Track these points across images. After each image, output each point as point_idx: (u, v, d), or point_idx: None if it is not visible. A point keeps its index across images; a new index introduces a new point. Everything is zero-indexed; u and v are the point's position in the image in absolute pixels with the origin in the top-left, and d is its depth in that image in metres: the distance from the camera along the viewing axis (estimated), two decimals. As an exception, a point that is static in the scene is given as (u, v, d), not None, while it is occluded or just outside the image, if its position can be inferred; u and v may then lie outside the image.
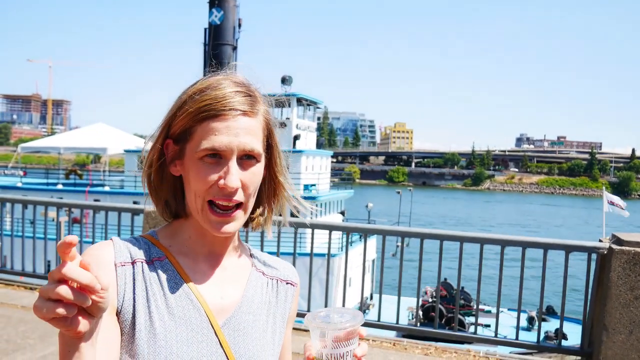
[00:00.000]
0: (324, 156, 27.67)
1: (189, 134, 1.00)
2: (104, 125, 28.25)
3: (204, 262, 1.08)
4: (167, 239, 1.08)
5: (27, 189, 22.36)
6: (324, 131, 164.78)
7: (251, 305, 1.09)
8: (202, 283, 1.05)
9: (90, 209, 6.36)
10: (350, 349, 0.96)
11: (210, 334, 1.01)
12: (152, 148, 1.05)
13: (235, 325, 1.05)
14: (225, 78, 1.02)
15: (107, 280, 0.91)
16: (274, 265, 1.20)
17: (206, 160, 0.98)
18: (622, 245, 4.09)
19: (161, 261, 1.04)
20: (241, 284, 1.11)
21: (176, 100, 1.04)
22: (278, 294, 1.16)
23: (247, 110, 1.00)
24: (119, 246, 1.01)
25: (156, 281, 1.01)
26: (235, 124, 0.98)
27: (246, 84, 1.04)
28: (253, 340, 1.06)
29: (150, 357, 0.94)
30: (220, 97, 0.98)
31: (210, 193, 0.98)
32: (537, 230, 48.77)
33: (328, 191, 25.89)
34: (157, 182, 1.06)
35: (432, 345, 4.92)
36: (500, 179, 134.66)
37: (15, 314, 5.40)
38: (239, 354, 1.03)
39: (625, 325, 4.01)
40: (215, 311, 1.04)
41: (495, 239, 4.61)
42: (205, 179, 0.98)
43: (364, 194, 68.07)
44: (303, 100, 26.09)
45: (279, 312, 1.15)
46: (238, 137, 0.98)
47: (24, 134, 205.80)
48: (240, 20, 34.42)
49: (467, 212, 69.83)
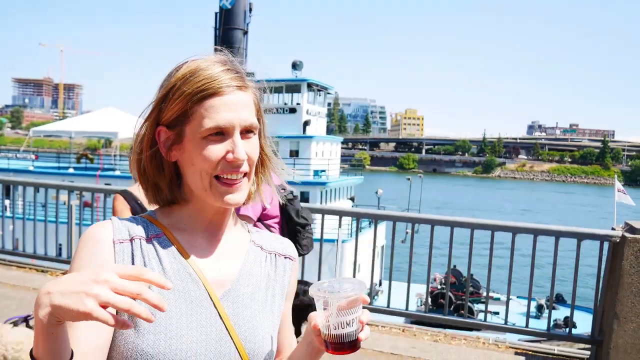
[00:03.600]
0: (334, 142, 27.60)
1: (187, 116, 1.00)
2: (115, 110, 28.27)
3: (202, 237, 1.09)
4: (165, 218, 1.10)
5: (39, 172, 22.52)
6: (334, 117, 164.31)
7: (250, 278, 1.11)
8: (200, 257, 1.07)
9: (101, 193, 6.40)
10: (355, 315, 0.97)
11: (210, 305, 1.03)
12: (142, 135, 1.06)
13: (234, 297, 1.07)
14: (208, 59, 1.03)
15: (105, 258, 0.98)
16: (272, 240, 1.21)
17: (210, 139, 0.99)
18: (635, 233, 4.05)
19: (159, 238, 1.06)
20: (239, 258, 1.12)
21: (162, 87, 1.04)
22: (277, 267, 1.18)
23: (241, 85, 1.02)
24: (117, 225, 1.04)
25: (154, 257, 1.03)
26: (234, 99, 1.00)
27: (229, 61, 1.05)
28: (252, 311, 1.08)
29: (151, 329, 0.96)
30: (215, 76, 1.00)
31: (217, 169, 1.00)
32: (548, 219, 48.50)
33: (338, 177, 25.84)
34: (151, 169, 1.07)
35: (441, 332, 4.92)
36: (511, 167, 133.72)
37: (27, 296, 5.46)
38: (238, 325, 1.05)
39: (636, 313, 3.97)
40: (213, 284, 1.05)
41: (506, 226, 4.57)
42: (213, 156, 0.99)
43: (374, 180, 67.93)
44: (314, 86, 25.98)
45: (278, 285, 1.17)
46: (238, 112, 1.00)
47: (35, 117, 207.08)
48: (251, 5, 34.17)
49: (478, 199, 69.55)
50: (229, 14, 32.59)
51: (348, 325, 0.97)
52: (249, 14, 32.73)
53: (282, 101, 25.94)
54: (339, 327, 0.96)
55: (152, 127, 1.04)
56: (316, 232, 5.67)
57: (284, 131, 24.23)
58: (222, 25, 32.48)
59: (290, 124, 24.51)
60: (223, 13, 32.34)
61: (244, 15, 32.70)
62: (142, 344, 0.95)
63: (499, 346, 4.71)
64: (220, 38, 32.30)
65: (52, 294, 0.74)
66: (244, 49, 33.91)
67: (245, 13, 32.67)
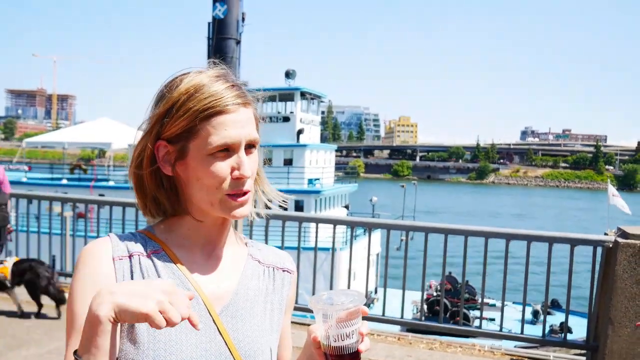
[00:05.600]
0: (328, 150, 27.61)
1: (192, 133, 1.01)
2: (109, 120, 28.21)
3: (200, 253, 1.10)
4: (163, 233, 1.10)
5: (32, 183, 22.39)
6: (328, 125, 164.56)
7: (248, 292, 1.12)
8: (199, 273, 1.08)
9: (95, 204, 6.38)
10: (355, 327, 0.98)
11: (209, 321, 1.04)
12: (142, 149, 1.06)
13: (233, 312, 1.08)
14: (208, 74, 1.04)
15: (106, 275, 0.99)
16: (270, 254, 1.22)
17: (217, 155, 1.01)
18: (627, 238, 4.07)
19: (158, 253, 1.06)
20: (237, 273, 1.13)
21: (161, 101, 1.04)
22: (274, 281, 1.18)
23: (245, 102, 1.04)
24: (116, 241, 1.05)
25: (153, 272, 1.04)
26: (240, 116, 1.02)
27: (229, 76, 1.06)
28: (251, 326, 1.09)
29: (150, 345, 0.97)
30: (220, 93, 1.01)
31: (226, 186, 1.02)
32: (542, 224, 48.62)
33: (332, 185, 25.83)
34: (151, 183, 1.07)
35: (436, 339, 4.92)
36: (505, 173, 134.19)
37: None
38: (238, 340, 1.06)
39: (631, 318, 3.99)
40: (212, 299, 1.06)
41: (499, 233, 4.59)
42: (220, 173, 1.01)
43: (369, 187, 67.93)
44: (307, 94, 26.00)
45: (276, 299, 1.17)
46: (244, 128, 1.02)
47: (28, 128, 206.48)
48: (244, 15, 34.30)
49: (472, 205, 69.70)
50: (222, 23, 32.71)
51: (348, 337, 0.97)
52: (241, 24, 32.93)
53: (275, 110, 25.94)
54: (339, 339, 0.97)
55: (152, 141, 1.04)
56: (310, 241, 5.68)
57: (277, 140, 24.24)
58: (215, 34, 32.67)
59: (284, 132, 24.51)
60: (216, 23, 32.53)
61: (237, 24, 32.85)
62: (141, 359, 0.96)
63: (494, 353, 4.71)
64: (213, 48, 32.44)
65: (115, 293, 0.81)
66: (237, 58, 34.04)
67: (238, 23, 32.78)
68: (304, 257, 5.18)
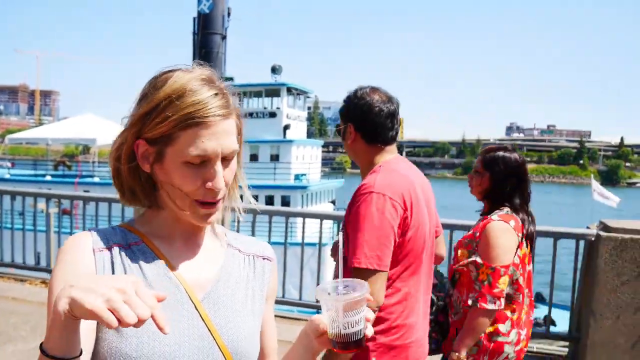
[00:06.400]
0: (314, 145, 27.67)
1: (170, 139, 1.01)
2: (93, 116, 27.90)
3: (181, 243, 1.12)
4: (143, 226, 1.12)
5: (16, 180, 22.12)
6: (314, 121, 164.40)
7: (229, 279, 1.14)
8: (180, 262, 1.10)
9: (80, 200, 6.33)
10: (362, 315, 1.03)
11: (191, 308, 1.06)
12: (121, 143, 1.06)
13: (215, 299, 1.09)
14: (194, 77, 1.02)
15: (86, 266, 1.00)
16: (249, 243, 1.24)
17: (192, 164, 1.01)
18: (609, 231, 4.14)
19: (138, 245, 1.08)
20: (218, 261, 1.15)
21: (145, 99, 1.04)
22: (255, 269, 1.20)
23: (226, 113, 1.02)
24: (96, 235, 1.07)
25: (134, 263, 1.05)
26: (219, 129, 1.01)
27: (215, 80, 1.05)
28: (233, 312, 1.10)
29: (133, 332, 0.98)
30: (202, 103, 0.99)
31: (197, 194, 1.03)
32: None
33: (319, 181, 25.90)
34: (128, 176, 1.08)
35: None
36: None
37: (6, 305, 5.39)
38: (220, 325, 1.08)
39: (612, 310, 4.07)
40: (194, 287, 1.08)
41: (484, 227, 4.63)
42: (193, 182, 1.02)
43: (355, 183, 67.21)
44: (293, 90, 26.00)
45: (257, 285, 1.19)
46: (221, 140, 1.01)
47: (11, 125, 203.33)
48: (229, 9, 34.06)
49: (458, 199, 70.03)
50: (208, 18, 32.43)
51: (357, 324, 1.03)
52: (227, 19, 32.67)
53: (261, 105, 25.91)
54: (349, 327, 1.02)
55: (131, 139, 1.04)
56: (297, 236, 5.69)
57: (264, 135, 24.23)
58: (200, 30, 32.38)
59: (270, 128, 24.49)
60: (202, 18, 32.25)
61: (223, 20, 32.61)
62: (125, 348, 0.97)
63: (479, 345, 4.76)
64: (199, 43, 32.17)
65: (74, 287, 0.77)
66: (222, 53, 33.84)
67: (223, 18, 32.54)
68: (290, 253, 5.19)
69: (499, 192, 2.57)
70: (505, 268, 2.36)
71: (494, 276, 2.34)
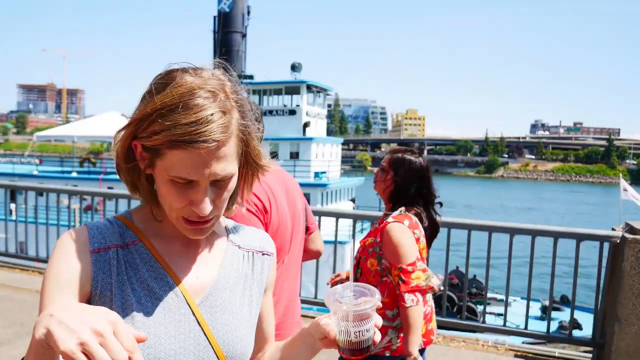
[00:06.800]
0: (334, 143, 27.59)
1: (158, 153, 0.94)
2: (118, 114, 28.29)
3: (179, 243, 1.09)
4: (141, 222, 1.09)
5: (43, 176, 22.61)
6: (334, 118, 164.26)
7: (227, 281, 1.11)
8: (178, 264, 1.07)
9: (102, 197, 6.41)
10: (372, 322, 1.02)
11: (188, 312, 1.04)
12: (120, 141, 1.00)
13: (212, 303, 1.07)
14: (199, 87, 0.93)
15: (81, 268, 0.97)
16: (250, 236, 1.21)
17: (177, 183, 0.95)
18: (635, 234, 4.02)
19: (135, 245, 1.05)
20: (217, 262, 1.12)
21: (144, 102, 0.96)
22: (254, 266, 1.18)
23: (222, 139, 0.93)
24: (93, 232, 1.02)
25: (131, 265, 1.03)
26: (209, 156, 0.92)
27: (225, 90, 0.96)
28: (230, 315, 1.08)
29: None
30: (193, 125, 0.90)
31: (183, 212, 0.98)
32: (550, 218, 48.31)
33: (338, 179, 25.82)
34: (126, 173, 1.04)
35: (439, 333, 4.90)
36: (514, 167, 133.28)
37: (30, 298, 5.49)
38: (217, 330, 1.06)
39: (638, 316, 3.95)
40: (191, 291, 1.06)
41: (504, 227, 4.54)
42: (178, 200, 0.97)
43: (376, 181, 67.54)
44: (313, 87, 25.98)
45: (255, 284, 1.17)
46: (210, 167, 0.93)
47: (39, 122, 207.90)
48: (249, 8, 34.35)
49: (479, 199, 69.40)
50: (228, 17, 32.78)
51: (367, 332, 1.01)
52: (247, 17, 32.88)
53: (281, 103, 25.96)
54: (360, 335, 1.01)
55: (128, 139, 0.99)
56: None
57: (284, 133, 24.27)
58: (221, 28, 32.61)
59: (290, 125, 24.52)
60: (222, 16, 32.49)
61: (243, 18, 32.86)
62: None
63: (498, 348, 4.69)
64: (219, 41, 32.43)
65: (53, 317, 0.72)
66: (242, 51, 34.11)
67: (243, 16, 32.84)
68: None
69: (402, 194, 2.61)
70: (412, 265, 2.41)
71: (404, 274, 2.39)
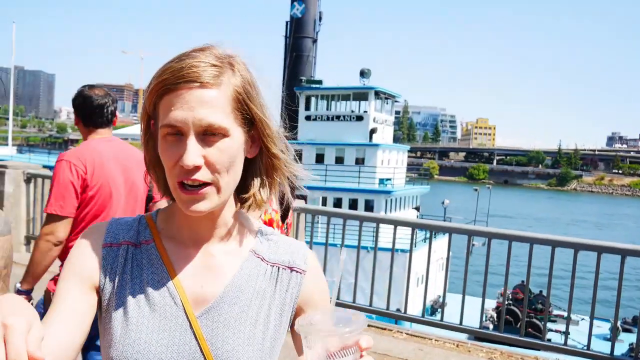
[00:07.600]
0: (400, 150, 27.40)
1: (155, 112, 0.94)
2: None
3: (191, 247, 1.02)
4: (162, 222, 1.05)
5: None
6: (402, 125, 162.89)
7: (239, 295, 1.00)
8: (184, 270, 1.00)
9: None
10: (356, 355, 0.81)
11: (185, 323, 0.97)
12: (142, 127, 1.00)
13: (215, 317, 0.98)
14: (195, 49, 0.94)
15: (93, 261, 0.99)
16: (279, 248, 1.07)
17: (168, 139, 0.91)
18: None
19: (147, 244, 1.02)
20: (229, 273, 1.01)
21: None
22: (278, 282, 1.04)
23: (206, 82, 0.90)
24: (113, 227, 1.03)
25: (138, 265, 1.00)
26: (191, 97, 0.89)
27: (217, 53, 0.94)
28: (236, 333, 0.98)
29: (121, 339, 0.95)
30: (177, 69, 0.89)
31: (175, 172, 0.92)
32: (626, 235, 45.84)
33: (403, 186, 25.61)
34: (149, 161, 1.01)
35: (497, 349, 4.78)
36: (589, 180, 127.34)
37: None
38: (216, 347, 0.96)
39: None
40: (193, 300, 0.98)
41: (567, 242, 4.37)
42: (169, 158, 0.91)
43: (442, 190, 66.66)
44: (381, 94, 25.93)
45: (276, 303, 1.03)
46: (193, 110, 0.89)
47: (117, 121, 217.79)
48: (321, 14, 34.75)
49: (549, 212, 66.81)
50: (300, 22, 33.27)
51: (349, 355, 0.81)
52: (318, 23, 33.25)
53: (349, 109, 26.07)
54: None
55: (146, 120, 0.99)
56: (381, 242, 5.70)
57: (350, 139, 24.38)
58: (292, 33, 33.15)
59: (356, 131, 24.58)
60: (294, 22, 33.03)
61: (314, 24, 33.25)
62: (112, 352, 0.96)
63: (557, 367, 4.53)
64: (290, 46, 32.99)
65: None
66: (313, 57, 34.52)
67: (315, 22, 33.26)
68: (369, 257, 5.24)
69: None
70: None
71: None
